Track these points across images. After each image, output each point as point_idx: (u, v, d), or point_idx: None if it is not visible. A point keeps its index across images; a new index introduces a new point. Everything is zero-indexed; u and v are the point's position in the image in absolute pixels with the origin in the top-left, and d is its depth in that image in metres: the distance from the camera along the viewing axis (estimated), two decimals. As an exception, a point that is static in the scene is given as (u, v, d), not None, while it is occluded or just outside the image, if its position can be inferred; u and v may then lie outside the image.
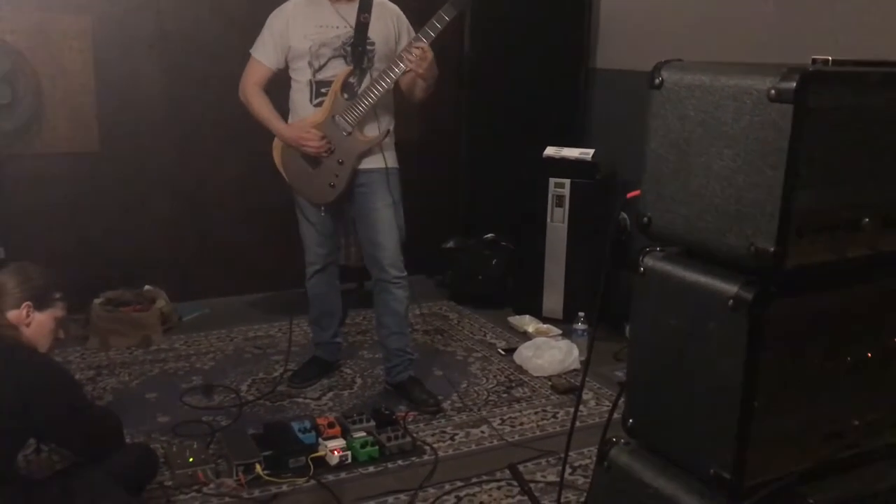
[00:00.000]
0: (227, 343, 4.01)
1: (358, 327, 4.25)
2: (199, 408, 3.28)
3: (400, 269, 3.27)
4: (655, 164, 1.54)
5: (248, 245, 4.61)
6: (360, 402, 3.38)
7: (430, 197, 4.82)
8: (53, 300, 2.39)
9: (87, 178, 4.19)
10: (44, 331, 2.37)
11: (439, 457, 2.93)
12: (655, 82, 1.52)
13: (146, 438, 2.98)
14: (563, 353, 3.73)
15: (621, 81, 4.46)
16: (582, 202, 4.20)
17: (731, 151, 1.39)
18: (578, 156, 4.28)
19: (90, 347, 3.85)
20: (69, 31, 4.03)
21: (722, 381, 1.39)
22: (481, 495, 2.70)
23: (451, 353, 3.95)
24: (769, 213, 1.32)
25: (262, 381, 3.55)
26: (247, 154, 4.13)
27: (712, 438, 1.43)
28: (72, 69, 4.07)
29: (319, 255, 3.38)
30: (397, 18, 3.21)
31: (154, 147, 4.32)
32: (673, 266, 1.51)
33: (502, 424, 3.21)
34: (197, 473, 2.68)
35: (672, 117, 1.49)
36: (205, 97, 4.31)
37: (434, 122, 4.85)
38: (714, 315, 1.40)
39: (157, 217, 4.40)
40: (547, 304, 4.35)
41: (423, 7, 3.26)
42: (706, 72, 1.44)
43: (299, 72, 3.15)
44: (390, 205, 3.22)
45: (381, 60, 3.14)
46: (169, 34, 4.26)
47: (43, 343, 2.37)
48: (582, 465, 2.88)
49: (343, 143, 3.12)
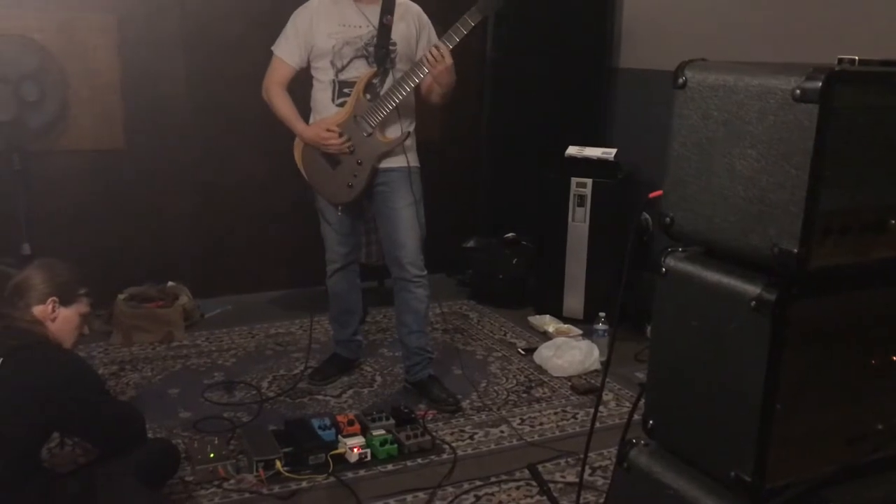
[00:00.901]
0: (248, 340, 4.04)
1: (378, 325, 4.26)
2: (220, 404, 3.31)
3: (420, 267, 3.27)
4: (678, 164, 1.53)
5: (269, 243, 4.64)
6: (380, 400, 3.39)
7: (451, 196, 4.83)
8: (78, 296, 2.42)
9: (112, 175, 4.23)
10: (69, 326, 2.40)
11: (458, 456, 2.93)
12: (679, 82, 1.51)
13: (168, 433, 3.00)
14: (583, 353, 3.72)
15: (644, 81, 4.44)
16: (603, 202, 4.18)
17: (754, 152, 1.38)
18: (600, 155, 4.26)
19: (113, 343, 3.89)
20: (95, 29, 4.08)
21: (743, 383, 1.38)
22: (500, 495, 2.70)
23: (470, 352, 3.95)
24: (793, 213, 1.31)
25: (283, 378, 3.57)
26: (270, 152, 4.16)
27: (733, 440, 1.42)
28: (98, 67, 4.11)
29: (339, 253, 3.39)
30: (418, 18, 3.22)
31: (178, 145, 4.36)
32: (695, 266, 1.51)
33: (522, 424, 3.21)
34: (217, 469, 2.70)
35: (695, 117, 1.48)
36: (228, 96, 4.34)
37: (456, 121, 4.85)
38: (736, 316, 1.39)
39: (180, 214, 4.44)
40: (567, 304, 4.34)
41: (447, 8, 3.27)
42: (730, 71, 1.43)
43: (321, 71, 3.16)
44: (411, 204, 3.23)
45: (403, 61, 3.15)
46: (193, 33, 4.30)
47: (67, 338, 2.40)
48: (601, 466, 2.87)
49: (363, 143, 3.13)
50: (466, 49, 3.19)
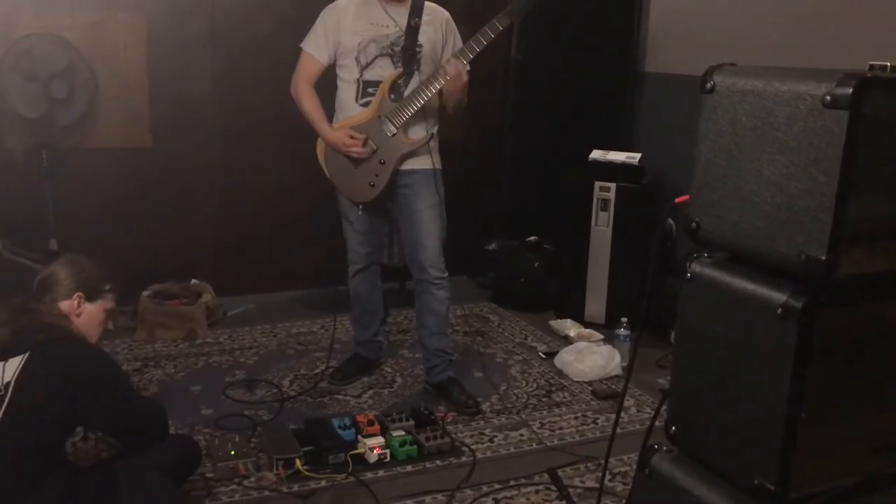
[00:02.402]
0: (270, 338, 4.06)
1: (399, 326, 4.26)
2: (241, 401, 3.33)
3: (441, 269, 3.28)
4: (705, 169, 1.52)
5: (292, 242, 4.66)
6: (400, 401, 3.39)
7: (473, 198, 4.82)
8: (104, 291, 2.44)
9: (139, 173, 4.27)
10: (94, 321, 2.42)
11: (477, 458, 2.93)
12: (707, 86, 1.50)
13: (189, 430, 3.02)
14: (604, 358, 3.70)
15: (670, 85, 4.41)
16: (627, 206, 4.16)
17: (783, 158, 1.37)
18: (625, 159, 4.24)
19: (137, 339, 3.92)
20: (125, 29, 4.12)
21: (768, 390, 1.37)
22: (519, 498, 2.69)
23: (491, 354, 3.95)
24: (822, 220, 1.30)
25: (304, 377, 3.59)
26: (293, 151, 4.19)
27: (757, 448, 1.41)
28: (126, 66, 4.16)
29: (361, 254, 3.40)
30: (446, 24, 3.23)
31: (204, 144, 4.39)
32: (720, 272, 1.50)
33: (542, 428, 3.20)
34: (238, 466, 2.71)
35: (723, 122, 1.48)
36: (254, 96, 4.37)
37: (479, 123, 4.86)
38: (762, 323, 1.38)
39: (204, 212, 4.47)
40: (589, 308, 4.32)
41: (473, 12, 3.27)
42: (760, 76, 1.42)
43: (346, 69, 3.18)
44: (434, 205, 3.23)
45: (428, 64, 3.16)
46: (221, 33, 4.33)
47: (92, 333, 2.42)
48: (621, 472, 2.86)
49: (386, 143, 3.14)
50: (491, 52, 3.20)
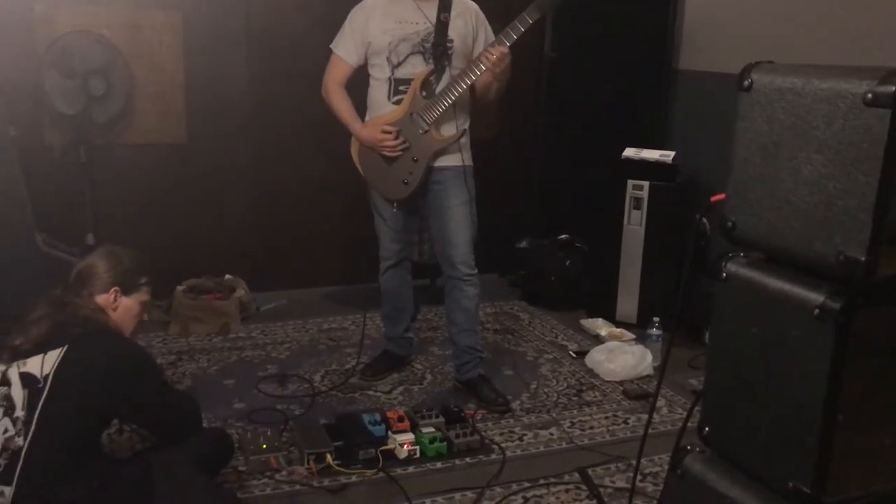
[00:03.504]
0: (302, 334, 4.09)
1: (429, 323, 4.27)
2: (273, 396, 3.36)
3: (471, 266, 3.27)
4: (741, 169, 1.50)
5: (325, 238, 4.69)
6: (430, 398, 3.40)
7: (504, 196, 4.81)
8: (140, 285, 2.46)
9: (174, 170, 4.33)
10: (129, 315, 2.44)
11: (507, 456, 2.93)
12: (744, 84, 1.49)
13: (222, 423, 3.06)
14: (636, 358, 3.68)
15: (705, 83, 4.36)
16: (661, 205, 4.13)
17: (821, 157, 1.35)
18: (658, 158, 4.21)
19: (172, 333, 3.97)
20: (162, 26, 4.18)
21: (804, 393, 1.35)
22: (548, 497, 2.69)
23: (521, 353, 3.94)
24: (861, 221, 1.28)
25: (335, 373, 3.61)
26: (326, 149, 4.21)
27: (792, 451, 1.39)
28: (163, 64, 4.21)
29: (393, 250, 3.41)
30: (475, 16, 3.22)
31: (238, 141, 4.44)
32: (756, 272, 1.48)
33: (572, 427, 3.19)
34: (270, 460, 2.74)
35: (760, 121, 1.46)
36: (287, 94, 4.40)
37: (511, 120, 4.84)
38: (798, 324, 1.36)
39: (238, 208, 4.51)
40: (621, 307, 4.29)
41: (504, 6, 3.26)
42: (798, 74, 1.40)
43: (378, 68, 3.19)
44: (465, 202, 3.23)
45: (459, 59, 3.16)
46: (256, 32, 4.37)
47: (128, 327, 2.45)
48: (652, 473, 2.84)
49: (419, 140, 3.15)
50: (523, 48, 3.19)
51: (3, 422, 2.11)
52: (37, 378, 2.13)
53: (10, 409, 2.12)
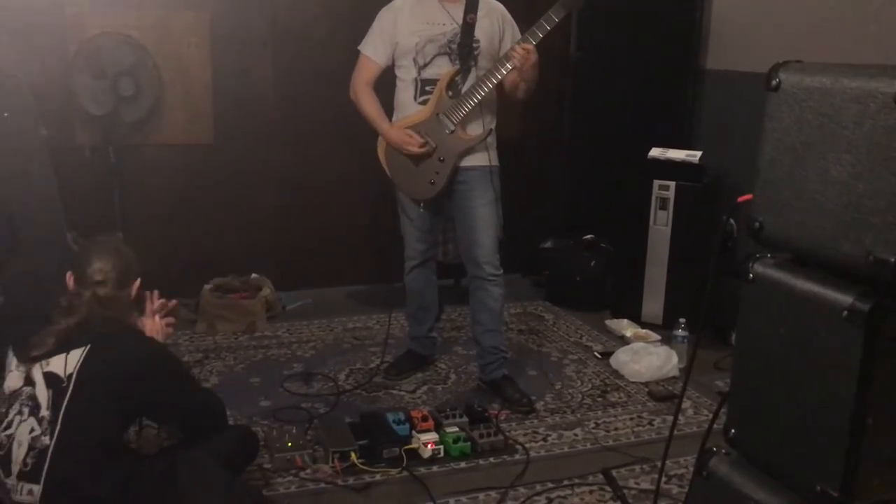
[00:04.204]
0: (327, 333, 4.11)
1: (453, 323, 4.27)
2: (298, 394, 3.38)
3: (496, 266, 3.27)
4: (769, 169, 1.49)
5: (350, 238, 4.71)
6: (454, 398, 3.40)
7: (529, 196, 4.81)
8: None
9: (202, 169, 4.37)
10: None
11: (531, 457, 2.92)
12: (772, 84, 1.47)
13: (248, 421, 3.08)
14: (661, 359, 3.66)
15: (732, 82, 4.33)
16: (687, 205, 4.10)
17: (850, 157, 1.33)
18: (685, 158, 4.17)
19: (199, 331, 4.01)
20: (189, 27, 4.22)
21: (832, 396, 1.34)
22: (572, 498, 2.68)
23: (545, 353, 3.93)
24: (890, 222, 1.26)
25: (360, 372, 3.62)
26: (351, 150, 4.23)
27: (820, 454, 1.37)
28: (190, 64, 4.26)
29: (418, 250, 3.42)
30: (502, 17, 3.22)
31: (265, 141, 4.47)
32: (784, 273, 1.47)
33: (596, 428, 3.18)
34: (295, 458, 2.75)
35: (788, 120, 1.44)
36: (313, 94, 4.43)
37: (536, 120, 4.84)
38: (827, 326, 1.35)
39: (264, 208, 4.55)
40: (646, 308, 4.27)
41: (530, 6, 3.26)
42: (827, 73, 1.38)
43: (404, 69, 3.20)
44: (490, 202, 3.23)
45: (486, 59, 3.16)
46: (282, 32, 4.40)
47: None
48: (677, 475, 2.82)
49: (445, 141, 3.15)
50: (549, 48, 3.18)
51: (28, 421, 2.14)
52: (60, 378, 2.15)
53: (36, 409, 2.15)
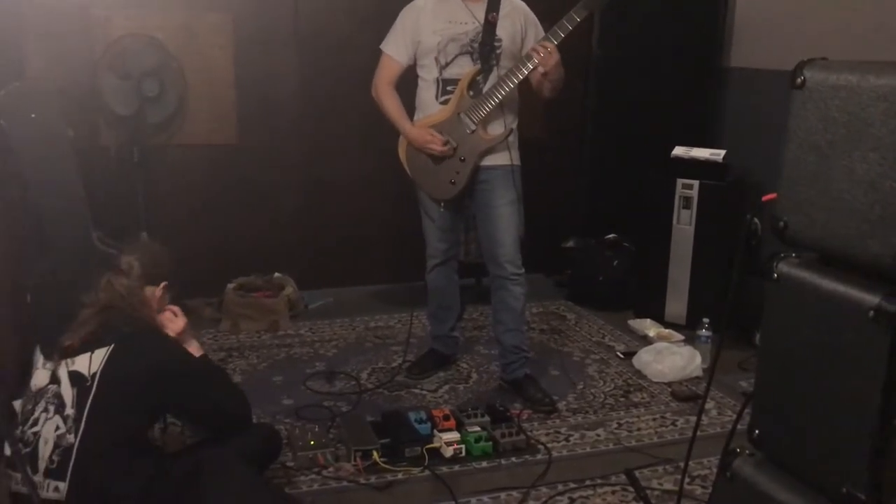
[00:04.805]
0: (349, 331, 4.13)
1: (475, 323, 4.27)
2: (321, 393, 3.39)
3: (518, 265, 3.27)
4: (793, 167, 1.48)
5: (372, 237, 4.73)
6: (475, 397, 3.40)
7: (551, 195, 4.80)
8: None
9: (225, 169, 4.40)
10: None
11: (553, 457, 2.92)
12: (797, 82, 1.46)
13: (271, 419, 3.10)
14: (684, 359, 3.63)
15: (756, 80, 4.29)
16: (710, 204, 4.07)
17: (876, 155, 1.31)
18: (708, 156, 4.14)
19: (222, 330, 4.04)
20: (213, 28, 4.25)
21: (859, 396, 1.32)
22: (594, 498, 2.67)
23: (567, 353, 3.92)
24: (918, 220, 1.25)
25: (381, 371, 3.63)
26: (374, 149, 4.24)
27: (846, 455, 1.36)
28: (214, 65, 4.29)
29: (439, 249, 3.42)
30: (525, 16, 3.21)
31: (288, 141, 4.50)
32: (809, 273, 1.45)
33: (619, 428, 3.16)
34: (317, 456, 2.77)
35: (813, 119, 1.43)
36: (336, 94, 4.45)
37: (558, 119, 4.82)
38: (853, 326, 1.33)
39: (287, 208, 4.57)
40: (670, 308, 4.24)
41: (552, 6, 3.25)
42: (853, 71, 1.37)
43: (426, 69, 3.20)
44: (511, 202, 3.22)
45: (508, 59, 3.15)
46: (304, 33, 4.42)
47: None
48: (701, 475, 2.80)
49: (466, 140, 3.15)
50: (571, 47, 3.17)
51: (54, 419, 2.16)
52: (84, 377, 2.18)
53: (61, 407, 2.17)
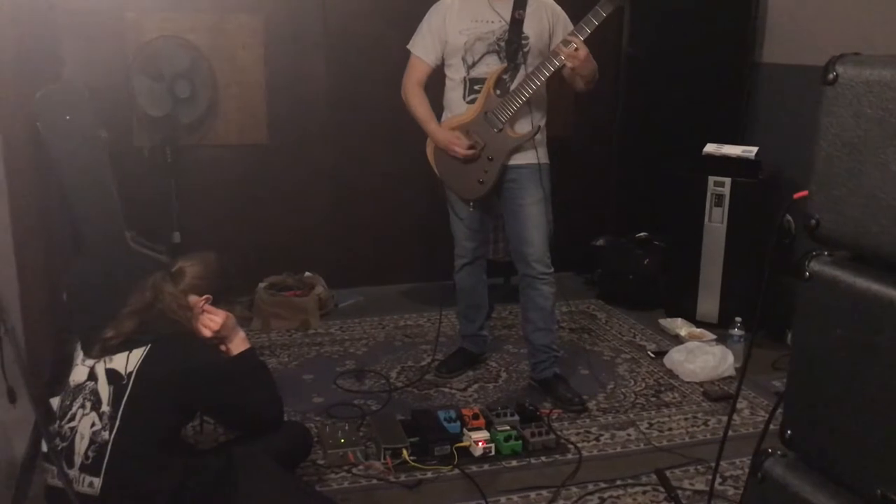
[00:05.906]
0: (379, 330, 4.15)
1: (504, 322, 4.27)
2: (351, 391, 3.41)
3: (546, 265, 3.26)
4: (826, 164, 1.45)
5: (401, 237, 4.74)
6: (505, 396, 3.40)
7: (581, 193, 4.78)
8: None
9: (256, 169, 4.45)
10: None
11: (583, 456, 2.91)
12: (829, 78, 1.43)
13: (301, 417, 3.13)
14: (717, 358, 3.60)
15: (789, 77, 4.23)
16: (743, 202, 4.02)
17: (911, 151, 1.29)
18: (740, 154, 4.10)
19: (253, 328, 4.08)
20: (243, 30, 4.30)
21: (894, 397, 1.30)
22: (625, 498, 2.66)
23: (598, 352, 3.90)
24: (954, 218, 1.22)
25: (411, 369, 3.64)
26: (402, 149, 4.25)
27: (881, 457, 1.34)
28: (245, 66, 4.33)
29: (468, 248, 3.42)
30: (552, 13, 3.20)
31: (318, 140, 4.53)
32: (842, 271, 1.43)
33: (650, 428, 3.14)
34: (347, 454, 2.79)
35: (846, 115, 1.41)
36: (365, 94, 4.47)
37: (588, 117, 4.80)
38: (887, 325, 1.31)
39: (318, 207, 4.60)
40: (702, 307, 4.20)
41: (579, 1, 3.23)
42: (887, 66, 1.34)
43: (453, 69, 3.20)
44: (540, 200, 3.21)
45: (535, 56, 3.14)
46: (334, 34, 4.45)
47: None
48: (732, 476, 2.77)
49: (494, 139, 3.15)
50: (601, 44, 3.16)
51: (90, 415, 2.20)
52: (121, 375, 2.21)
53: (97, 404, 2.21)
